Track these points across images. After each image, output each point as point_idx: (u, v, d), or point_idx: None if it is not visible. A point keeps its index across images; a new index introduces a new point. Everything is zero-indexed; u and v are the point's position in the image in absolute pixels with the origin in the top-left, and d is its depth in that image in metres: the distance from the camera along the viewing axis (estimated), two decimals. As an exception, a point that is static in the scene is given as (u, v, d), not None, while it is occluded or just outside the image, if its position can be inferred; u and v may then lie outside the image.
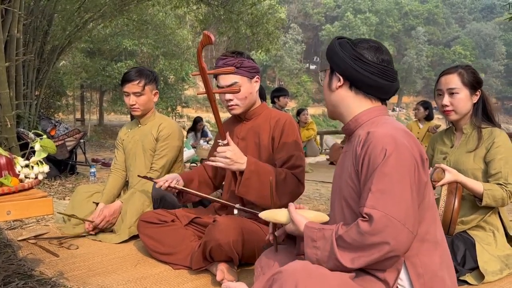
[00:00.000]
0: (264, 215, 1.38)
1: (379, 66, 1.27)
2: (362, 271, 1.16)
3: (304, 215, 1.30)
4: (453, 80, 1.96)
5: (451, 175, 1.85)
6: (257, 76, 2.04)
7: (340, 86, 1.32)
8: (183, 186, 2.11)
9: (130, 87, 2.57)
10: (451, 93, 1.96)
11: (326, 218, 1.33)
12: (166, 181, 2.06)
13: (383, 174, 1.10)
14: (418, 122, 5.71)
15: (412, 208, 1.10)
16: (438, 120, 6.11)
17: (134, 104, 2.59)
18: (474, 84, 1.96)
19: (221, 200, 2.03)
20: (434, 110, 5.68)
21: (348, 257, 1.11)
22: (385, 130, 1.16)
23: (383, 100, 1.34)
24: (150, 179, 2.19)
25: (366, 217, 1.09)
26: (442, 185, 1.86)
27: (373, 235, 1.07)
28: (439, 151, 2.11)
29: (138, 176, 2.40)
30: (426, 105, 5.70)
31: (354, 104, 1.32)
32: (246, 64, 1.98)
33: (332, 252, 1.13)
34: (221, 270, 1.81)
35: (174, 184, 2.07)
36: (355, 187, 1.21)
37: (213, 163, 1.84)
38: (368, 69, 1.26)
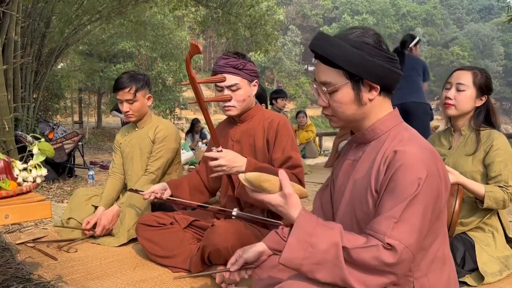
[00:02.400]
0: (246, 176, 1.08)
1: (392, 54, 1.13)
2: None
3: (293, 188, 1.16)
4: (465, 77, 1.97)
5: (453, 176, 1.85)
6: (256, 80, 2.04)
7: (374, 96, 1.14)
8: (171, 195, 2.12)
9: (122, 95, 2.56)
10: (459, 89, 1.97)
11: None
12: (153, 192, 2.08)
13: (411, 205, 1.02)
14: None
15: (423, 235, 1.05)
16: (437, 121, 6.09)
17: (128, 111, 2.59)
18: (483, 87, 1.96)
19: (212, 206, 2.03)
20: (432, 111, 5.65)
21: (356, 277, 1.02)
22: (414, 150, 1.05)
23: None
24: (137, 191, 2.19)
25: (389, 246, 1.00)
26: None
27: (393, 266, 1.01)
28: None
29: (129, 190, 2.39)
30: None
31: (380, 110, 1.17)
32: (248, 67, 1.97)
33: (339, 268, 1.02)
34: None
35: (159, 195, 2.09)
36: (369, 210, 1.11)
37: (215, 174, 1.84)
38: (396, 65, 1.13)
